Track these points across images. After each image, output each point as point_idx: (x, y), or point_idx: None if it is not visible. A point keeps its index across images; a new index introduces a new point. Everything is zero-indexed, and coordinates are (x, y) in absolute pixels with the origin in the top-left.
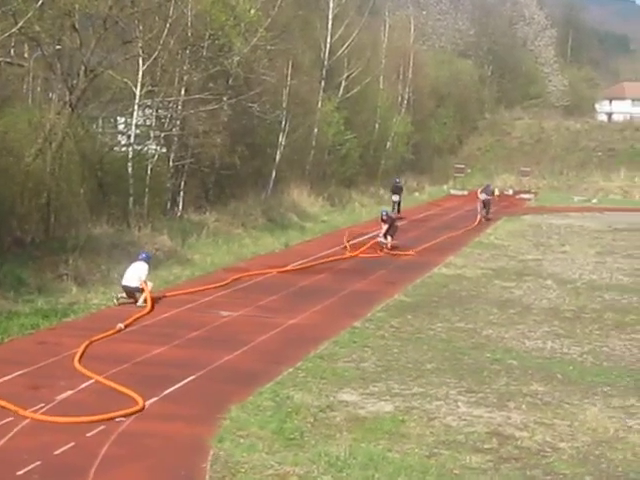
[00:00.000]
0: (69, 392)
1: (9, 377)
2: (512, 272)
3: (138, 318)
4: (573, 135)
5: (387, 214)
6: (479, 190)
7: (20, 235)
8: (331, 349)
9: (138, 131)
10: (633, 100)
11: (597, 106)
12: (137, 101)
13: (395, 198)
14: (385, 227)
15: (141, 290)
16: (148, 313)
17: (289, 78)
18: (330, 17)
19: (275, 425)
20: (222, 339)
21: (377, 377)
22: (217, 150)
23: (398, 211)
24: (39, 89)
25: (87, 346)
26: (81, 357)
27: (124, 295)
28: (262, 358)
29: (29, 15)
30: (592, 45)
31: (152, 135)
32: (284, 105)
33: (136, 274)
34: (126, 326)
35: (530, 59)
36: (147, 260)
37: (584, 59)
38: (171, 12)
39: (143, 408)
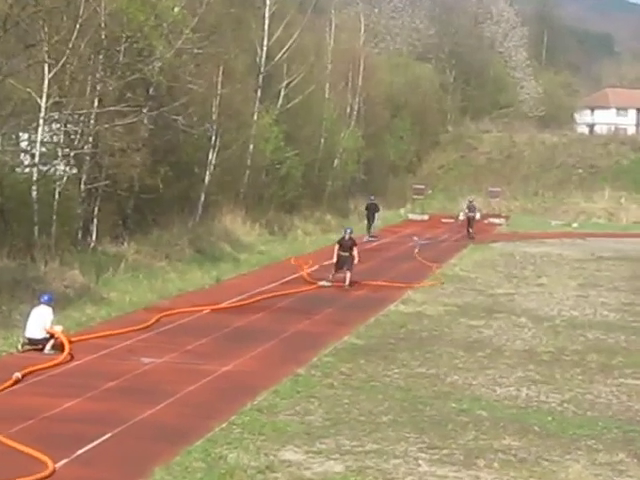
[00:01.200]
0: None
1: None
2: (480, 309)
3: (47, 367)
4: (549, 150)
5: (351, 233)
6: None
7: None
8: (271, 400)
9: (44, 149)
10: (618, 109)
11: (577, 116)
12: (42, 114)
13: (372, 217)
14: (337, 254)
15: (50, 337)
16: (64, 361)
17: (220, 86)
18: (267, 16)
19: None
20: (144, 390)
21: (325, 432)
22: (136, 170)
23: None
24: None
25: None
26: None
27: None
28: (190, 412)
29: None
30: (570, 46)
31: (60, 154)
32: (214, 118)
33: (39, 322)
34: (24, 376)
35: (499, 62)
36: (50, 303)
37: (561, 62)
38: (81, 11)
39: (53, 472)
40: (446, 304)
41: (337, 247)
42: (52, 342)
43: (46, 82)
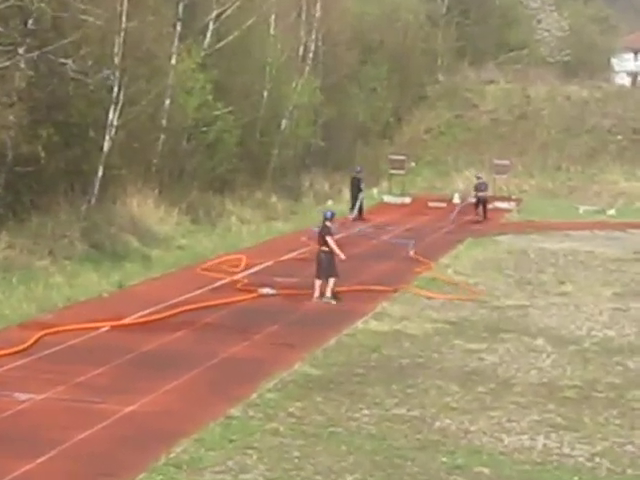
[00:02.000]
0: None
1: None
2: (481, 327)
3: None
4: (577, 108)
5: (331, 218)
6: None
7: None
8: (194, 452)
9: None
10: None
11: (615, 62)
12: None
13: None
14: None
15: None
16: None
17: (124, 18)
18: None
19: None
20: (17, 438)
21: None
22: (9, 133)
23: (360, 212)
24: None
25: None
26: None
27: None
28: (82, 468)
29: None
30: None
31: None
32: (116, 61)
33: None
34: None
35: None
36: None
37: None
38: None
39: None
40: (435, 320)
41: (330, 240)
42: None
43: None
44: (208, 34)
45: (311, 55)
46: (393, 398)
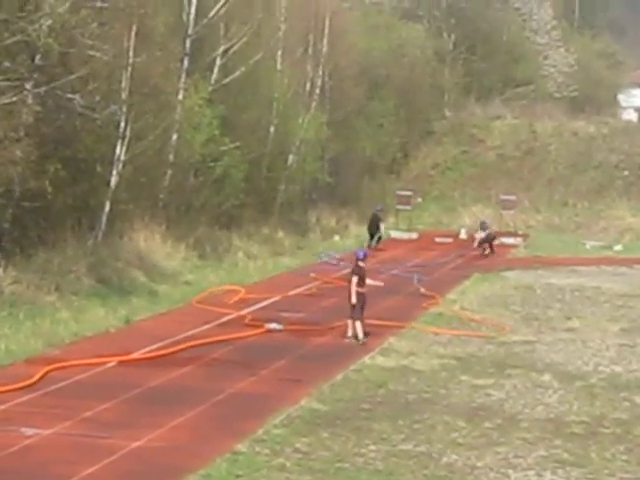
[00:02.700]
0: None
1: None
2: (488, 362)
3: None
4: (584, 144)
5: (364, 258)
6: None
7: None
8: None
9: None
10: None
11: (622, 98)
12: None
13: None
14: (355, 291)
15: None
16: None
17: (132, 54)
18: None
19: None
20: (24, 473)
21: None
22: (16, 169)
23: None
24: None
25: None
26: None
27: None
28: None
29: None
30: (613, 1)
31: None
32: (124, 97)
33: None
34: None
35: (516, 23)
36: None
37: (601, 23)
38: None
39: None
40: (441, 356)
41: (354, 280)
42: None
43: None
44: (215, 69)
45: (318, 90)
46: (400, 434)
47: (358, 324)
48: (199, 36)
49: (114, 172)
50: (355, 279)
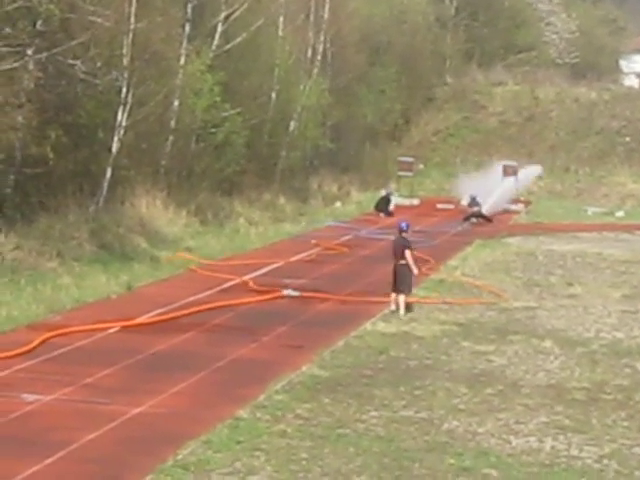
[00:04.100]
0: None
1: None
2: (490, 328)
3: None
4: (585, 110)
5: (407, 229)
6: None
7: None
8: (201, 454)
9: None
10: None
11: (623, 64)
12: None
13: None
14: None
15: None
16: None
17: (133, 19)
18: None
19: None
20: (25, 439)
21: None
22: (18, 135)
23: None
24: None
25: None
26: None
27: None
28: (90, 469)
29: None
30: None
31: None
32: (125, 63)
33: None
34: None
35: None
36: None
37: None
38: None
39: None
40: (443, 322)
41: (407, 253)
42: None
43: None
44: (217, 36)
45: (319, 57)
46: (401, 400)
47: (402, 298)
48: (200, 2)
49: (115, 138)
50: (408, 251)
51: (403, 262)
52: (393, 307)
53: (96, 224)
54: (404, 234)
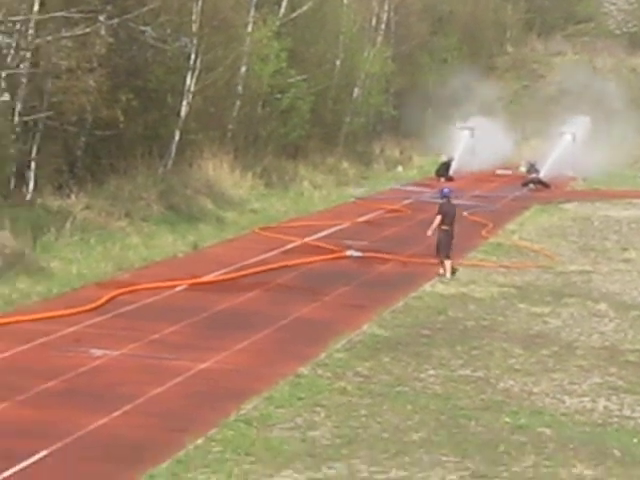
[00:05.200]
0: None
1: None
2: (546, 291)
3: None
4: None
5: (449, 194)
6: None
7: None
8: (263, 409)
9: None
10: None
11: None
12: None
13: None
14: (438, 228)
15: None
16: None
17: None
18: None
19: None
20: (93, 393)
21: (335, 454)
22: (89, 98)
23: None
24: None
25: None
26: None
27: None
28: (155, 423)
29: None
30: None
31: None
32: (194, 29)
33: None
34: None
35: None
36: None
37: None
38: None
39: None
40: (501, 284)
41: (438, 218)
42: None
43: None
44: (283, 3)
45: (383, 25)
46: (458, 359)
47: (448, 263)
48: None
49: (184, 102)
50: (438, 217)
51: (445, 227)
52: (441, 271)
53: (164, 185)
54: (445, 199)
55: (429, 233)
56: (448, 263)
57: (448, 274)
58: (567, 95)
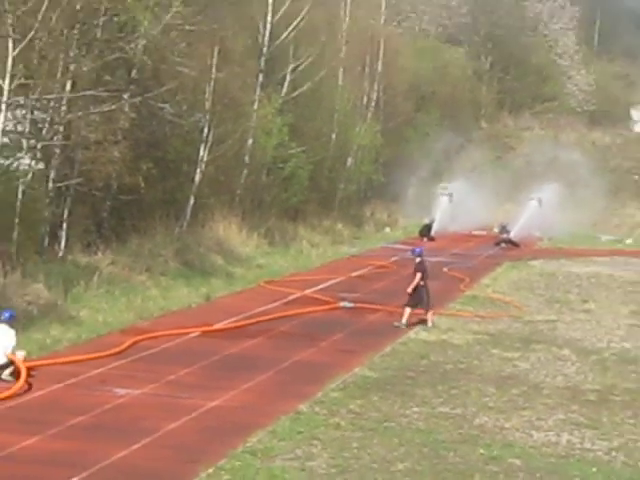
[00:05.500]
0: None
1: None
2: (516, 338)
3: (1, 397)
4: (601, 152)
5: (421, 253)
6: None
7: None
8: (267, 442)
9: (6, 139)
10: None
11: (634, 113)
12: (5, 98)
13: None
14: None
15: (10, 363)
16: (20, 391)
17: (214, 70)
18: None
19: None
20: (116, 427)
21: None
22: (114, 167)
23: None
24: None
25: None
26: None
27: None
28: (171, 454)
29: None
30: (627, 30)
31: (25, 145)
32: (207, 107)
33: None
34: None
35: (543, 48)
36: (10, 321)
37: (616, 49)
38: None
39: None
40: (476, 332)
41: (419, 275)
42: (12, 368)
43: (10, 60)
44: (285, 84)
45: (373, 103)
46: (439, 398)
47: (407, 310)
48: (272, 56)
49: (198, 171)
50: (418, 275)
51: (422, 283)
52: (430, 324)
53: (180, 244)
54: (418, 259)
55: (409, 290)
56: (430, 313)
57: (404, 320)
58: (535, 165)
